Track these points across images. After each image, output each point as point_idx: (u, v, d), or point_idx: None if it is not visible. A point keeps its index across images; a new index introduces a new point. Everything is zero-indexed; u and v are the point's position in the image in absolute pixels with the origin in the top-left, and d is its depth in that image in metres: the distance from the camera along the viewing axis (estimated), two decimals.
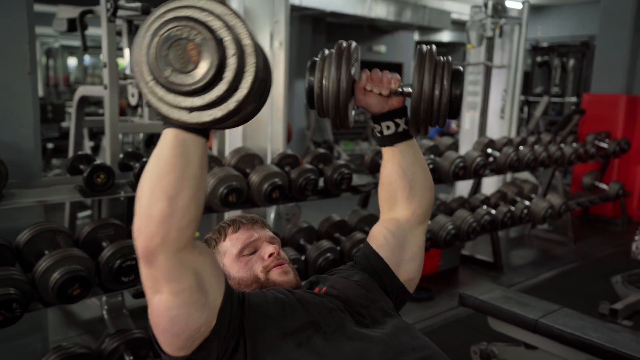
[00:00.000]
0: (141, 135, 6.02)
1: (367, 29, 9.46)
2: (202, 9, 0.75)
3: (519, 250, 4.77)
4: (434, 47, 1.02)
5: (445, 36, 11.28)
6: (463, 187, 5.06)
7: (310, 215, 3.50)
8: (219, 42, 0.74)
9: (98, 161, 2.18)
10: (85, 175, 2.08)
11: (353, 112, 1.11)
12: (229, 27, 0.75)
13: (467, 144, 5.03)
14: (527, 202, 4.06)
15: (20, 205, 1.92)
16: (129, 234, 2.30)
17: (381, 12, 8.15)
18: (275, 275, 1.15)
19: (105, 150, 2.50)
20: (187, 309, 0.86)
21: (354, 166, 3.60)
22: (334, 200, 3.34)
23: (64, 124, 6.29)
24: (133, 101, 2.88)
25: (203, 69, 0.74)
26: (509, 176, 5.11)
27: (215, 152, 2.77)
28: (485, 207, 3.78)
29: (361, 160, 4.47)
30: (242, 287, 1.15)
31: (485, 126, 5.23)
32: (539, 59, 10.04)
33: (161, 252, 0.81)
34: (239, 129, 3.46)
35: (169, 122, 0.80)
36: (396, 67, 12.19)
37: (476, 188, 4.51)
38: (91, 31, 3.23)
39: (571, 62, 9.63)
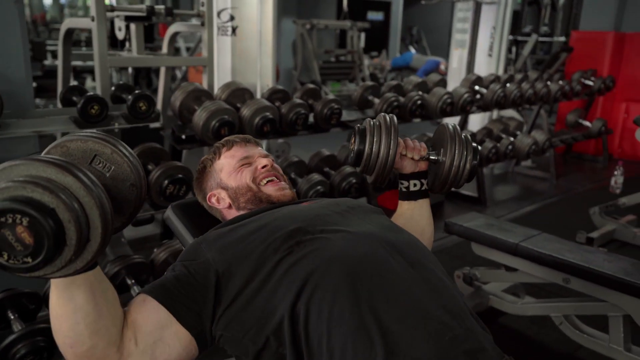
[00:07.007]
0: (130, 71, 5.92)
1: None
2: (24, 182, 0.69)
3: (503, 186, 4.90)
4: (457, 126, 1.25)
5: None
6: None
7: (298, 152, 3.55)
8: (50, 213, 0.69)
9: (91, 92, 2.18)
10: (79, 107, 2.09)
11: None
12: (55, 191, 0.70)
13: (454, 82, 5.06)
14: (511, 139, 4.14)
15: (17, 135, 1.94)
16: None
17: None
18: (272, 190, 1.24)
19: (96, 83, 2.49)
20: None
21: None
22: (321, 138, 3.38)
23: (46, 62, 6.16)
24: (120, 35, 2.83)
25: (40, 246, 0.69)
26: (495, 114, 5.18)
27: (205, 85, 2.77)
28: None
29: (348, 100, 4.49)
30: (239, 196, 1.24)
31: (474, 64, 5.24)
32: None
33: None
34: (228, 64, 3.45)
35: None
36: (384, 5, 11.93)
37: (463, 125, 4.58)
38: None
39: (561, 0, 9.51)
